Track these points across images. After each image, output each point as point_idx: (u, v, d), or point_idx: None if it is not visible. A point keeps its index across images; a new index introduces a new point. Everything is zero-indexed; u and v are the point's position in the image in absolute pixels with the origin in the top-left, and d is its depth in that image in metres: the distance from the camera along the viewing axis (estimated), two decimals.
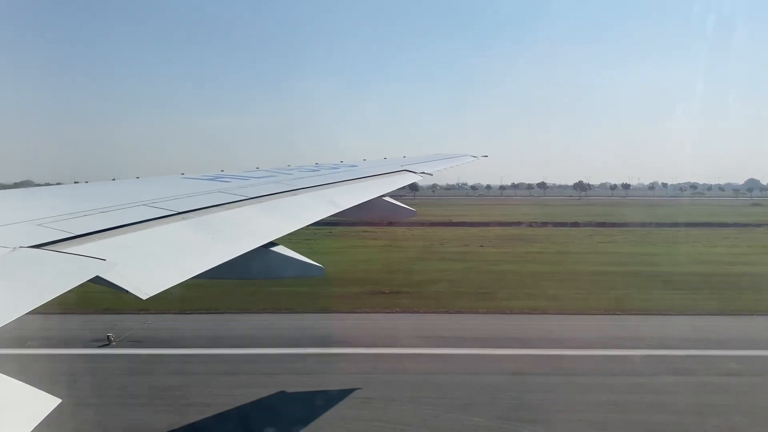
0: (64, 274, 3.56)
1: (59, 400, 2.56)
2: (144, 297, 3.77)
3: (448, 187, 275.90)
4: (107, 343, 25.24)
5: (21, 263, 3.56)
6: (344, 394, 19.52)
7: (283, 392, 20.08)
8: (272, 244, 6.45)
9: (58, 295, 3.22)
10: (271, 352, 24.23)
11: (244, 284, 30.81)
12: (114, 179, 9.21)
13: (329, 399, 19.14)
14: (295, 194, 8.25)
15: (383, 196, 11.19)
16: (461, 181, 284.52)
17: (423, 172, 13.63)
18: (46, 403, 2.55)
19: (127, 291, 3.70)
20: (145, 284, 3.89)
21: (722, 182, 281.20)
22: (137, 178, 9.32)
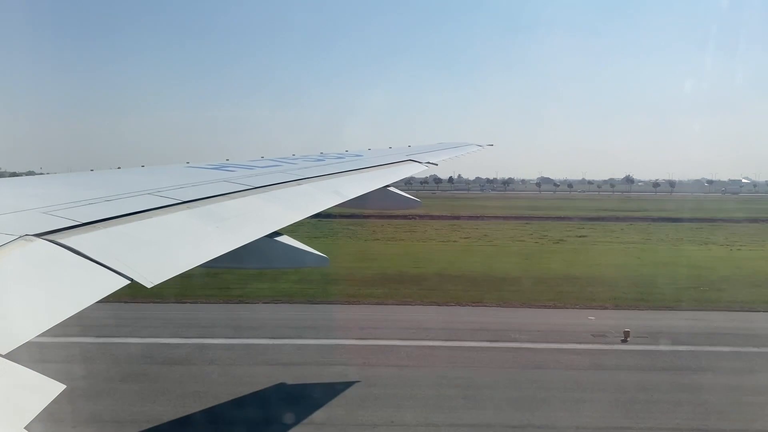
0: (79, 282, 3.57)
1: (63, 386, 2.58)
2: (149, 285, 3.77)
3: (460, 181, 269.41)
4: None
5: (26, 256, 3.55)
6: None
7: None
8: (277, 234, 6.46)
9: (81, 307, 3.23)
10: None
11: None
12: (119, 168, 9.23)
13: None
14: (299, 184, 8.23)
15: (388, 186, 11.15)
16: (487, 175, 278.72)
17: (428, 162, 13.56)
18: (51, 389, 2.58)
19: (132, 279, 3.70)
20: (150, 273, 3.90)
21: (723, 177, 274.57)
22: (143, 166, 9.33)
